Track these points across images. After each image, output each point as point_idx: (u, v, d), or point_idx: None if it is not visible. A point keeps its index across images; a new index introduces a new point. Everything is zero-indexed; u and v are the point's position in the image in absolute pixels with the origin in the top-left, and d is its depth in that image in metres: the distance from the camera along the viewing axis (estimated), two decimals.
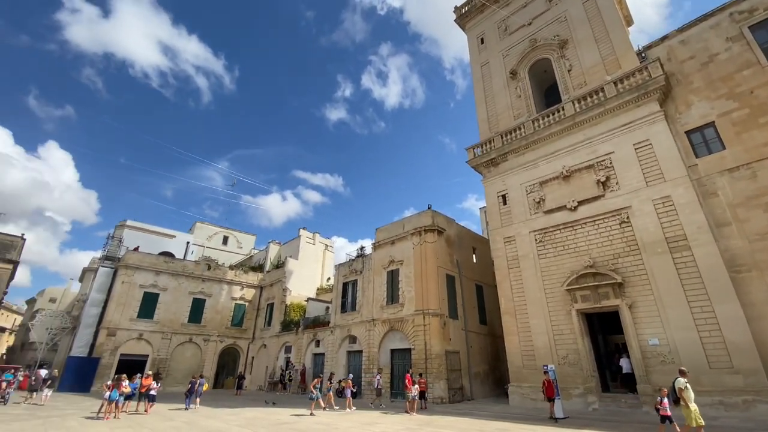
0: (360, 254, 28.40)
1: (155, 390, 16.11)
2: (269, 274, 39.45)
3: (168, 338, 31.87)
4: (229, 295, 36.67)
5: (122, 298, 30.85)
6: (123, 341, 29.93)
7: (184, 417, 14.81)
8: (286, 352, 31.55)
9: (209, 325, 34.51)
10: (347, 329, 26.08)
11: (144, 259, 33.28)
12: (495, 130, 23.16)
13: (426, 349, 20.48)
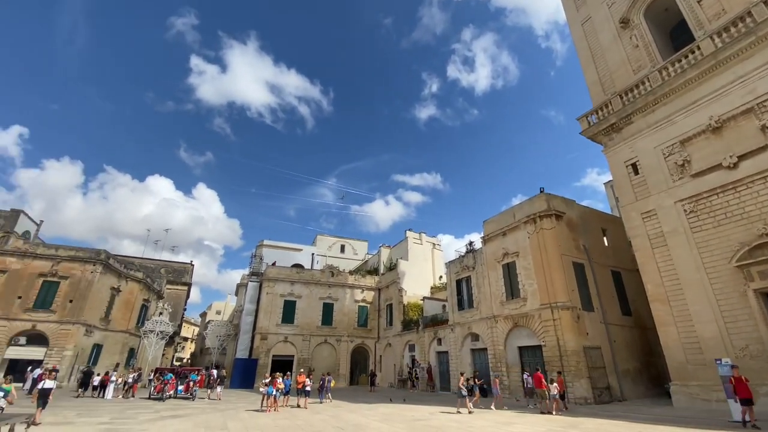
0: (470, 250, 27.66)
1: (309, 386, 18.18)
2: (384, 277, 41.30)
3: (307, 340, 35.85)
4: (352, 298, 39.49)
5: (268, 306, 35.85)
6: (273, 344, 34.70)
7: (330, 411, 16.38)
8: (410, 351, 32.50)
9: (339, 327, 37.69)
10: (467, 327, 25.60)
11: (281, 272, 38.16)
12: (611, 90, 20.16)
13: (559, 345, 18.79)
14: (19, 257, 28.48)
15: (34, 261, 28.68)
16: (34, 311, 27.43)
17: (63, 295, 28.44)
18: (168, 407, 17.93)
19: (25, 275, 28.14)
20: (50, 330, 27.28)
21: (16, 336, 26.60)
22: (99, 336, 30.81)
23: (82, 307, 28.62)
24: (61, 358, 26.49)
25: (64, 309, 28.09)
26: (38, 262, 28.75)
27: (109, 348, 32.16)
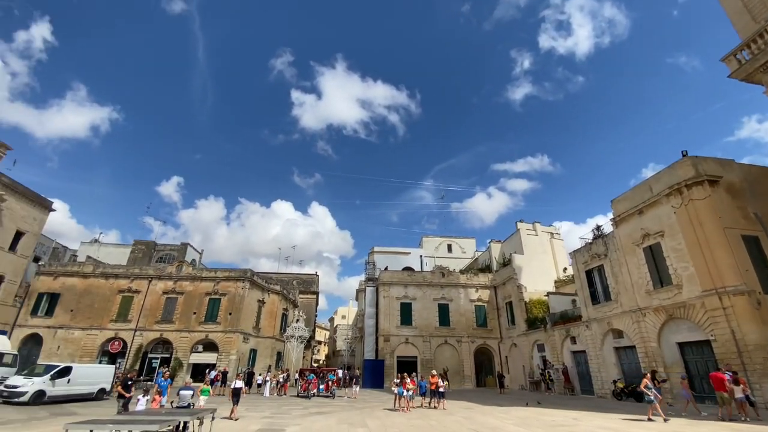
0: (598, 235, 24.54)
1: (443, 387, 18.21)
2: (498, 274, 39.35)
3: (428, 341, 36.22)
4: (467, 298, 38.59)
5: (386, 309, 37.40)
6: (396, 345, 35.98)
7: (462, 413, 16.14)
8: (539, 351, 30.17)
9: (457, 327, 37.15)
10: (606, 322, 22.63)
11: (393, 276, 39.53)
12: (764, 16, 15.77)
13: (735, 338, 15.25)
14: (190, 281, 35.37)
15: (201, 283, 35.25)
16: (206, 324, 33.62)
17: (224, 309, 34.25)
18: (314, 404, 19.98)
19: (197, 295, 34.76)
20: (218, 338, 33.07)
21: (195, 345, 32.97)
22: (253, 342, 36.16)
23: (239, 318, 34.01)
24: (228, 362, 31.84)
25: (226, 320, 33.78)
26: (204, 283, 35.25)
27: (262, 352, 37.46)
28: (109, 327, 32.89)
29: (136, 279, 34.94)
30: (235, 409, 14.13)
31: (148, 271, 36.25)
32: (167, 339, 32.92)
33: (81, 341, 32.18)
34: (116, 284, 34.62)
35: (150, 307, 33.86)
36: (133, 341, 32.35)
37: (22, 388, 16.37)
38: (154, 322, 33.36)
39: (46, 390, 16.93)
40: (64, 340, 32.08)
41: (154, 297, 34.34)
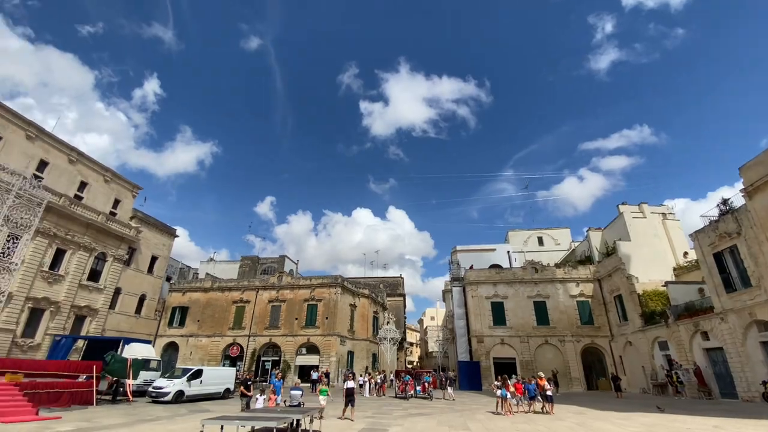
0: (725, 210, 20.75)
1: (550, 391, 16.96)
2: (602, 265, 35.50)
3: (525, 341, 34.14)
4: (567, 293, 35.52)
5: (476, 309, 36.25)
6: (491, 346, 34.62)
7: (573, 418, 14.83)
8: (661, 349, 26.40)
9: (559, 326, 34.37)
10: (747, 313, 18.92)
11: (480, 274, 38.22)
12: None
13: None
14: (290, 289, 38.56)
15: (299, 290, 38.22)
16: (306, 328, 36.29)
17: (321, 314, 36.62)
18: (413, 405, 20.16)
19: (296, 302, 37.76)
20: (318, 341, 35.42)
21: (299, 347, 35.75)
22: (350, 344, 37.96)
23: (335, 322, 36.04)
24: (329, 363, 33.87)
25: (324, 324, 36.05)
26: (302, 291, 38.16)
27: (358, 354, 39.12)
28: (228, 334, 37.42)
29: (246, 290, 39.27)
30: (350, 410, 14.20)
31: (254, 282, 40.50)
32: (276, 343, 36.30)
33: (207, 347, 37.15)
34: (230, 296, 39.32)
35: (259, 315, 37.73)
36: (248, 346, 36.31)
37: (165, 389, 19.38)
38: (264, 328, 37.07)
39: (185, 390, 19.82)
40: (194, 347, 37.38)
41: (261, 306, 38.21)
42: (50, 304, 27.19)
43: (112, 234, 32.30)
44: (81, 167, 31.79)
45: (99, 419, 13.01)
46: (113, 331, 32.11)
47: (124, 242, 33.59)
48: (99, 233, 31.12)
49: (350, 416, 14.00)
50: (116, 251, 32.76)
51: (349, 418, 13.96)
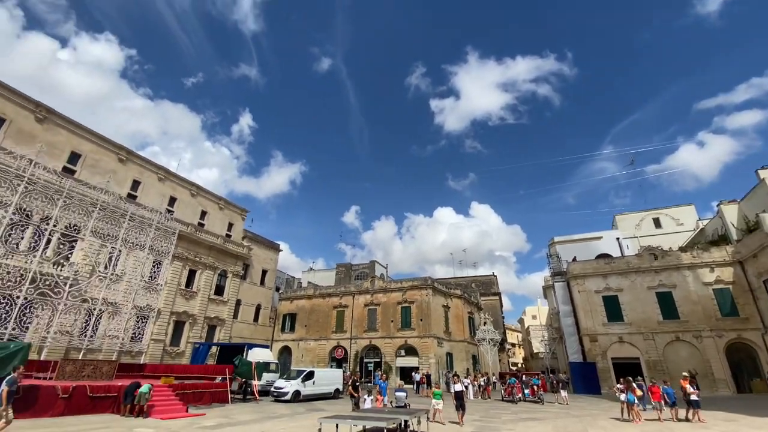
0: None
1: (696, 395, 14.33)
2: (743, 243, 29.45)
3: (650, 339, 29.90)
4: (698, 280, 30.24)
5: (585, 305, 32.93)
6: (607, 345, 31.07)
7: (724, 427, 12.50)
8: None
9: (692, 319, 29.39)
10: None
11: (586, 266, 34.69)
12: None
13: None
14: (383, 293, 39.73)
15: (392, 293, 39.15)
16: (403, 330, 36.94)
17: (415, 316, 36.96)
18: (522, 410, 19.07)
19: (390, 305, 38.72)
20: (415, 343, 35.75)
21: (398, 349, 36.51)
22: (447, 346, 37.56)
23: (429, 323, 36.04)
24: (429, 365, 33.92)
25: (419, 326, 36.30)
26: (394, 294, 39.03)
27: (457, 356, 38.47)
28: (332, 337, 39.95)
29: (343, 296, 41.58)
30: (460, 414, 13.38)
31: (350, 288, 42.68)
32: (375, 345, 37.65)
33: (315, 350, 40.14)
34: (331, 302, 42.00)
35: (357, 318, 39.58)
36: (351, 348, 38.29)
37: (284, 389, 21.38)
38: (363, 331, 38.75)
39: (301, 390, 21.65)
40: (304, 350, 40.69)
41: (358, 310, 40.04)
42: (188, 317, 32.20)
43: (230, 253, 37.07)
44: (200, 199, 37.20)
45: (235, 416, 14.91)
46: (238, 338, 36.66)
47: (239, 259, 38.29)
48: (219, 253, 35.97)
49: (458, 420, 13.58)
50: (234, 268, 37.50)
51: (456, 422, 13.58)
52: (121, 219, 22.91)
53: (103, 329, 22.59)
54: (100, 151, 29.22)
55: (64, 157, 26.72)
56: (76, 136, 27.83)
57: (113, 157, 30.04)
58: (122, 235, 22.90)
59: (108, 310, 23.10)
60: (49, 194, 19.83)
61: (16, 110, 24.67)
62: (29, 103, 25.40)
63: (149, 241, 24.40)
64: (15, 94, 24.78)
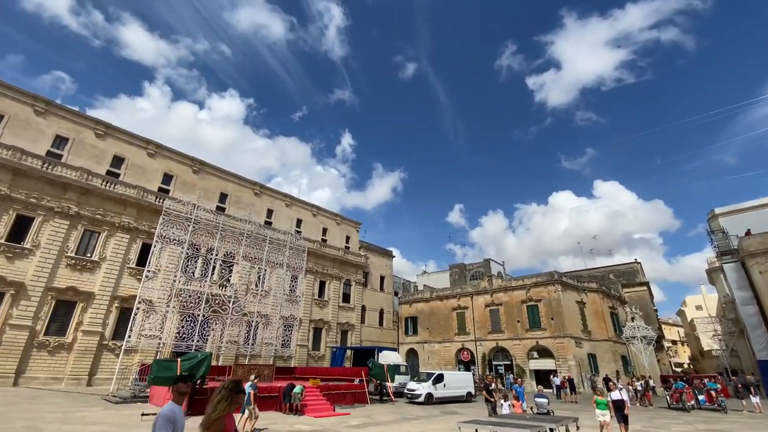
0: None
1: None
2: None
3: None
4: None
5: None
6: None
7: None
8: None
9: None
10: None
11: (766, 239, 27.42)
12: None
13: None
14: (503, 292, 37.81)
15: (513, 292, 36.97)
16: (532, 330, 34.46)
17: (544, 315, 34.15)
18: (698, 419, 15.88)
19: (513, 304, 36.59)
20: (549, 344, 32.95)
21: (529, 351, 34.14)
22: (588, 346, 33.66)
23: (562, 322, 32.86)
24: (567, 368, 30.85)
25: (551, 326, 33.39)
26: (516, 292, 36.79)
27: (602, 356, 34.14)
28: (456, 339, 39.56)
29: (461, 297, 40.91)
30: (623, 428, 11.47)
31: (467, 289, 41.80)
32: (503, 347, 35.94)
33: (441, 352, 40.26)
34: (448, 303, 41.75)
35: (479, 320, 38.43)
36: (477, 350, 37.31)
37: (417, 391, 21.88)
38: (487, 332, 37.42)
39: (432, 393, 21.89)
40: (430, 352, 41.17)
41: (479, 311, 38.87)
42: (324, 324, 35.68)
43: (350, 263, 40.02)
44: (321, 217, 41.15)
45: (375, 416, 15.85)
46: (367, 341, 39.10)
47: (359, 268, 41.04)
48: (342, 264, 39.14)
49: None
50: (356, 276, 40.33)
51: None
52: (262, 243, 26.79)
53: (259, 337, 26.65)
54: (240, 188, 34.74)
55: (215, 198, 32.52)
56: (222, 179, 33.68)
57: (250, 192, 35.42)
58: (265, 256, 26.73)
59: (261, 321, 27.21)
60: (209, 230, 24.34)
61: (179, 167, 31.07)
62: (187, 159, 31.73)
63: (286, 259, 27.92)
64: (177, 154, 31.26)
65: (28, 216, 21.96)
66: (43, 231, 22.18)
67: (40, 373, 20.50)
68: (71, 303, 22.32)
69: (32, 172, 22.14)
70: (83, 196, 23.91)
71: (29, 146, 23.18)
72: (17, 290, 20.53)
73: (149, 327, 21.44)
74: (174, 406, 3.48)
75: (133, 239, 25.56)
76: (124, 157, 27.92)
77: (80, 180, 23.78)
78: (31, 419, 11.29)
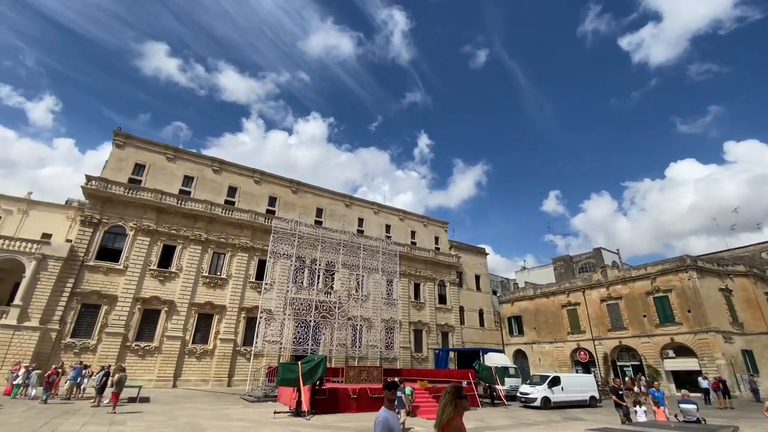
0: None
1: None
2: None
3: None
4: None
5: None
6: None
7: None
8: None
9: None
10: None
11: None
12: None
13: None
14: (622, 283, 33.46)
15: (635, 283, 32.43)
16: (663, 326, 29.77)
17: (678, 307, 29.25)
18: None
19: (635, 296, 32.12)
20: (687, 341, 28.10)
21: (663, 349, 29.51)
22: (741, 341, 27.88)
23: (703, 314, 27.76)
24: (716, 368, 25.91)
25: (688, 319, 28.47)
26: (638, 283, 32.22)
27: (762, 353, 27.96)
28: (569, 339, 36.23)
29: (570, 292, 37.39)
30: None
31: (576, 283, 38.07)
32: (628, 345, 31.75)
33: (553, 353, 37.25)
34: (556, 300, 38.50)
35: (595, 316, 34.62)
36: (596, 350, 33.61)
37: (531, 394, 20.50)
38: (607, 330, 33.48)
39: (549, 396, 20.30)
40: (540, 353, 38.40)
41: (593, 306, 35.04)
42: (423, 325, 35.86)
43: (442, 264, 39.66)
44: (408, 221, 41.68)
45: (489, 420, 15.28)
46: (470, 343, 38.15)
47: (451, 268, 40.42)
48: (434, 266, 39.01)
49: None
50: (449, 277, 39.80)
51: None
52: (357, 251, 28.17)
53: (364, 340, 27.93)
54: (333, 202, 37.06)
55: (312, 213, 35.19)
56: (316, 196, 36.37)
57: (342, 204, 37.55)
58: (361, 263, 28.06)
59: (365, 324, 28.51)
60: (311, 242, 26.43)
61: (280, 189, 34.43)
62: (286, 181, 35.00)
63: (379, 264, 28.89)
64: (277, 178, 34.70)
65: (171, 245, 26.48)
66: (183, 256, 26.53)
67: (192, 376, 24.37)
68: (209, 315, 26.19)
69: (171, 208, 26.73)
70: (209, 224, 28.02)
71: (166, 187, 28.05)
72: (170, 307, 24.85)
73: (271, 333, 24.04)
74: (387, 412, 3.57)
75: (251, 257, 29.02)
76: (236, 186, 31.99)
77: (206, 211, 27.95)
78: (191, 416, 13.45)
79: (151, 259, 25.37)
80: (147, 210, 25.99)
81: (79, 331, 22.27)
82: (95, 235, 24.17)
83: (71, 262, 22.81)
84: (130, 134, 28.63)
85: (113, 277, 23.92)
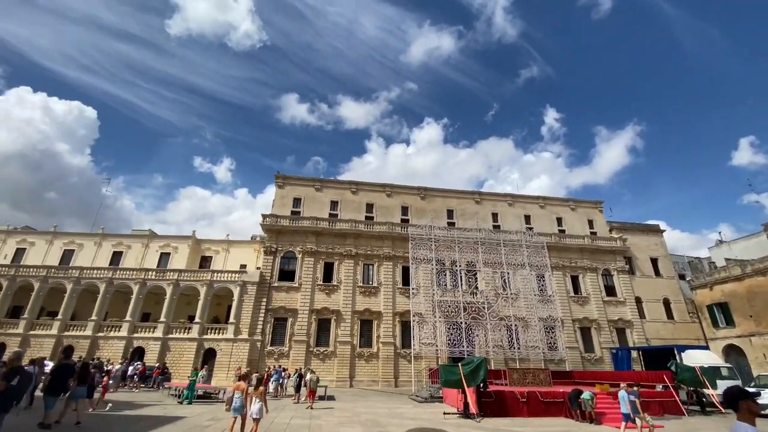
0: None
1: None
2: None
3: None
4: None
5: None
6: None
7: None
8: None
9: None
10: None
11: None
12: None
13: None
14: None
15: None
16: None
17: None
18: None
19: None
20: None
21: None
22: None
23: None
24: None
25: None
26: None
27: None
28: None
29: None
30: None
31: None
32: None
33: None
34: None
35: None
36: None
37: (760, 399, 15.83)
38: None
39: None
40: (764, 348, 29.43)
41: None
42: (590, 322, 31.66)
43: (602, 250, 34.51)
44: (549, 208, 37.88)
45: None
46: (656, 339, 31.95)
47: (616, 254, 34.78)
48: (593, 253, 34.27)
49: None
50: (615, 264, 34.31)
51: None
52: (497, 247, 26.99)
53: (523, 341, 26.25)
54: (462, 201, 36.54)
55: (444, 215, 35.35)
56: (444, 198, 36.49)
57: (471, 202, 36.68)
58: (503, 259, 26.74)
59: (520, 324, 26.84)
60: (448, 244, 26.57)
61: (410, 198, 35.80)
62: (413, 190, 36.21)
63: (525, 258, 27.01)
64: (405, 188, 36.20)
65: (330, 262, 30.27)
66: (341, 270, 30.00)
67: (363, 377, 27.00)
68: (369, 321, 28.78)
69: (325, 230, 30.72)
70: (356, 240, 31.08)
71: (318, 213, 32.40)
72: (337, 316, 28.30)
73: (425, 336, 24.89)
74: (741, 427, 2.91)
75: (395, 264, 30.87)
76: (372, 203, 34.71)
77: (352, 228, 31.17)
78: (371, 414, 14.85)
79: (317, 276, 29.53)
80: (308, 235, 30.47)
81: (275, 340, 27.33)
82: (275, 261, 29.55)
83: (262, 284, 28.38)
84: (286, 175, 34.33)
85: (292, 293, 28.69)
